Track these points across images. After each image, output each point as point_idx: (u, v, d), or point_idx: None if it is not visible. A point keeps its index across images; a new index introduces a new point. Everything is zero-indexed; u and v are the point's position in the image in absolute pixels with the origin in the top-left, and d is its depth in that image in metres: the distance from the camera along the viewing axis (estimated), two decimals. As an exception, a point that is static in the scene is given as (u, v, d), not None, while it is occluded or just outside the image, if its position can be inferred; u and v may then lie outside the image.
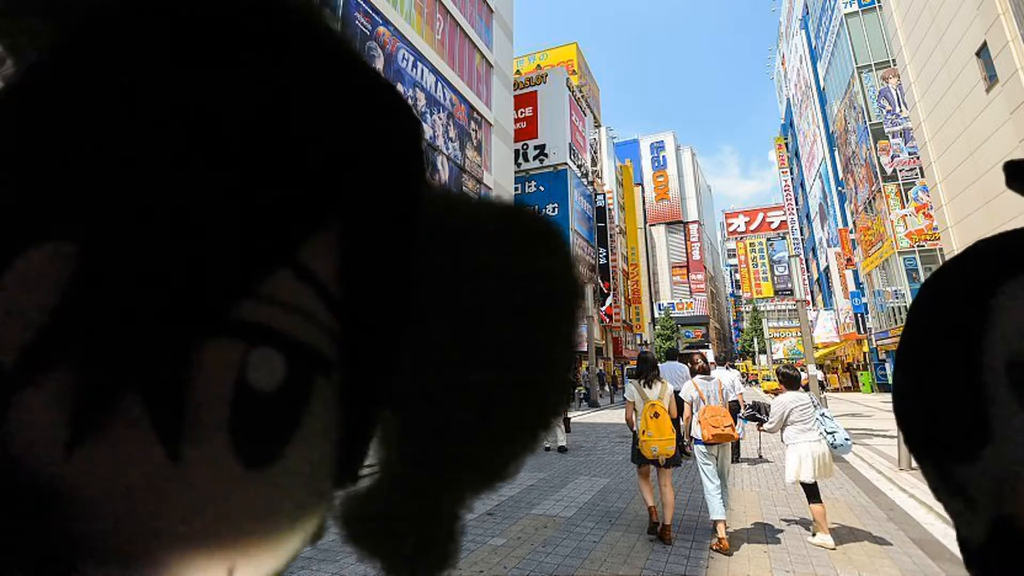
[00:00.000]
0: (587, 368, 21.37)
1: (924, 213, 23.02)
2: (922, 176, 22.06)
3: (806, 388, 5.90)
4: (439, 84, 22.67)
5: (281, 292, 0.19)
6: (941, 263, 0.35)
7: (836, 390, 33.40)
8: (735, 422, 5.52)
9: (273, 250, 0.18)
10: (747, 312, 71.03)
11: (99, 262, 0.16)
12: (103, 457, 0.16)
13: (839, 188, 34.32)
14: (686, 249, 76.45)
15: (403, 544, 0.32)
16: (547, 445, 9.04)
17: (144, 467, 0.17)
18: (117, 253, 0.16)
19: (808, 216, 47.29)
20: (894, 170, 24.49)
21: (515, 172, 32.97)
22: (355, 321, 0.22)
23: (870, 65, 26.57)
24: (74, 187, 0.16)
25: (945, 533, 4.41)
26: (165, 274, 0.16)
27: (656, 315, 62.89)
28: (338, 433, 0.23)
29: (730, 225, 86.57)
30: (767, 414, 4.82)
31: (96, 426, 0.16)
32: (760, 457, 8.07)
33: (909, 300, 24.06)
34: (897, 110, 24.81)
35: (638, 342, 49.30)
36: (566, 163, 34.89)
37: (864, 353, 32.36)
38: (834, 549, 4.00)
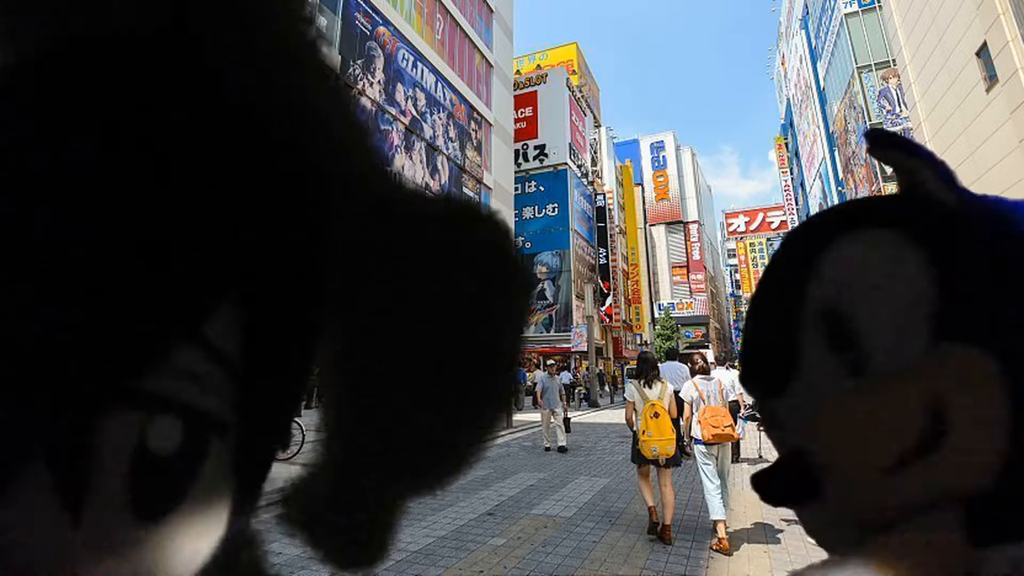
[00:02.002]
0: (587, 368, 21.36)
1: (924, 213, 23.00)
2: (922, 176, 22.01)
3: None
4: (439, 84, 22.67)
5: (182, 363, 0.19)
6: None
7: (836, 390, 33.38)
8: (735, 422, 5.52)
9: (180, 326, 0.19)
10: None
11: (5, 335, 0.16)
12: (8, 518, 0.16)
13: (839, 188, 34.33)
14: (686, 249, 76.44)
15: (336, 531, 0.32)
16: (547, 445, 9.03)
17: (47, 529, 0.17)
18: (25, 325, 0.16)
19: (808, 216, 47.27)
20: (894, 170, 24.48)
21: (515, 172, 32.97)
22: (252, 387, 0.23)
23: (870, 65, 26.59)
24: None
25: (945, 533, 4.42)
26: (70, 345, 0.16)
27: (656, 315, 62.87)
28: (232, 481, 0.23)
29: (730, 225, 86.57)
30: (767, 414, 4.81)
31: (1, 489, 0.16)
32: (760, 457, 8.07)
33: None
34: (897, 110, 24.82)
35: (638, 342, 49.30)
36: (566, 163, 34.91)
37: (864, 353, 32.35)
38: (834, 549, 4.01)
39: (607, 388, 25.55)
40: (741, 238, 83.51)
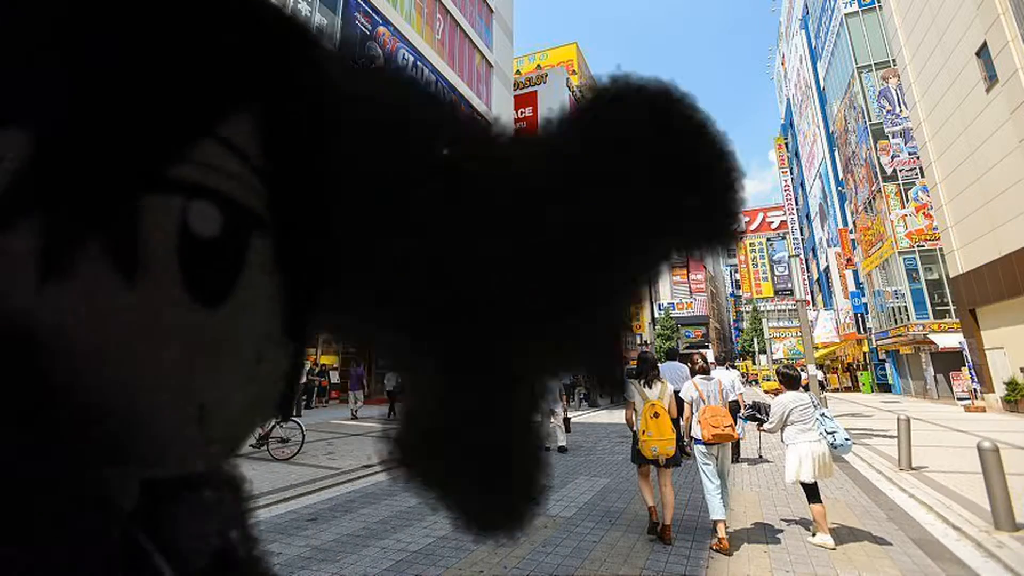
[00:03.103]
0: (587, 368, 21.33)
1: (924, 213, 23.00)
2: (922, 176, 22.04)
3: (806, 388, 5.89)
4: (439, 84, 22.56)
5: (209, 157, 0.22)
6: (941, 263, 0.36)
7: (836, 390, 33.39)
8: (735, 422, 5.52)
9: (194, 121, 0.22)
10: (747, 312, 71.02)
11: (53, 137, 0.19)
12: (72, 293, 0.19)
13: (839, 188, 34.31)
14: (686, 249, 76.26)
15: (477, 478, 0.31)
16: (547, 445, 9.01)
17: (107, 298, 0.19)
18: (68, 129, 0.19)
19: (808, 216, 47.26)
20: (894, 170, 24.48)
21: (515, 172, 32.91)
22: (283, 189, 0.26)
23: (870, 65, 26.57)
24: (29, 84, 0.19)
25: (945, 533, 4.41)
26: (107, 143, 0.20)
27: (656, 315, 62.84)
28: (280, 292, 0.26)
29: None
30: (767, 414, 4.81)
31: (66, 266, 0.19)
32: (760, 457, 8.07)
33: (909, 300, 23.93)
34: (897, 110, 24.80)
35: (638, 342, 49.25)
36: (566, 163, 34.87)
37: (864, 353, 32.34)
38: (834, 549, 4.00)
39: (607, 388, 25.49)
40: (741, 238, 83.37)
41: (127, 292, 0.20)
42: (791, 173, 53.21)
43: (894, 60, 23.27)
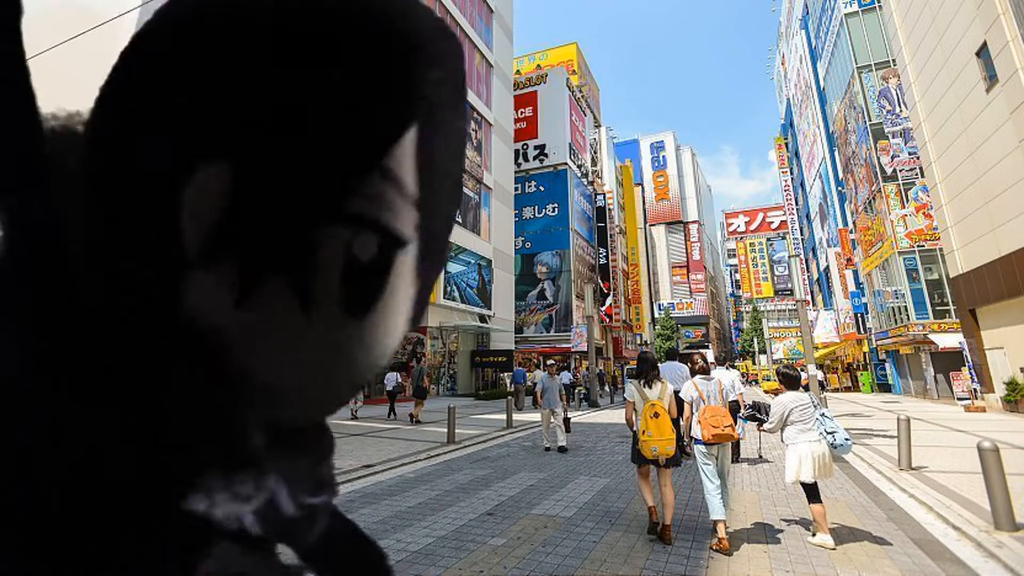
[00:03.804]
0: (587, 368, 21.36)
1: (924, 213, 23.01)
2: (922, 176, 22.04)
3: (806, 388, 5.89)
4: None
5: (372, 189, 0.25)
6: (941, 263, 0.35)
7: (836, 390, 33.39)
8: (735, 422, 5.52)
9: (366, 157, 0.25)
10: (747, 312, 71.02)
11: (248, 183, 0.23)
12: (259, 318, 0.24)
13: (839, 188, 34.31)
14: (686, 249, 76.43)
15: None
16: (547, 445, 9.03)
17: (283, 320, 0.24)
18: (260, 174, 0.23)
19: (808, 216, 47.27)
20: (894, 170, 24.48)
21: (515, 172, 32.93)
22: (426, 209, 0.29)
23: (870, 65, 26.57)
24: (234, 126, 0.23)
25: (945, 533, 4.42)
26: (294, 184, 0.23)
27: (656, 315, 62.86)
28: (412, 289, 0.30)
29: (730, 225, 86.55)
30: (767, 414, 4.81)
31: (253, 291, 0.24)
32: (760, 457, 8.07)
33: (909, 300, 23.93)
34: (897, 110, 24.80)
35: (638, 342, 49.27)
36: (566, 163, 34.88)
37: (864, 353, 32.36)
38: (834, 549, 4.00)
39: (607, 388, 25.53)
40: (741, 238, 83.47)
41: (299, 311, 0.24)
42: (791, 173, 53.22)
43: (894, 60, 23.28)
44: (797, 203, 51.60)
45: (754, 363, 51.12)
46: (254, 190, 0.23)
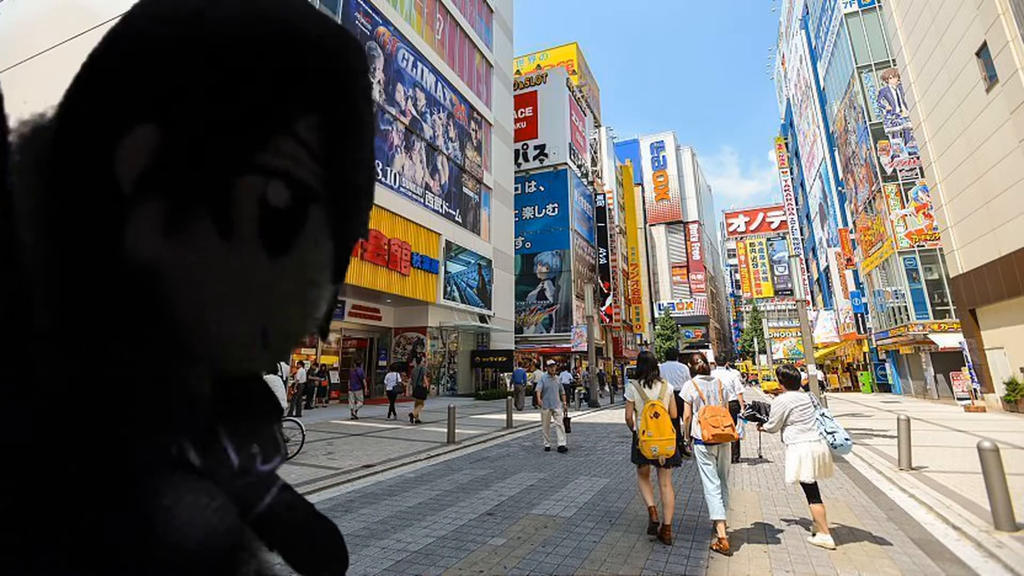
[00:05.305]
0: (587, 368, 21.35)
1: (924, 213, 23.00)
2: (922, 176, 22.03)
3: (806, 388, 5.90)
4: (439, 84, 22.65)
5: (285, 148, 0.32)
6: (941, 263, 0.35)
7: (836, 390, 33.39)
8: (735, 422, 5.52)
9: (275, 122, 0.31)
10: (747, 312, 70.98)
11: (174, 138, 0.29)
12: (185, 243, 0.29)
13: (839, 188, 34.30)
14: (686, 249, 76.40)
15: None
16: (547, 445, 9.02)
17: (208, 248, 0.30)
18: (185, 132, 0.29)
19: (808, 216, 47.25)
20: (894, 170, 24.47)
21: (515, 172, 32.93)
22: (333, 172, 0.35)
23: (870, 65, 26.56)
24: (164, 91, 0.29)
25: (945, 533, 4.41)
26: (212, 137, 0.29)
27: (656, 315, 62.84)
28: (330, 241, 0.35)
29: (730, 225, 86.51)
30: (767, 414, 4.81)
31: (181, 225, 0.29)
32: (760, 457, 8.07)
33: (909, 300, 23.86)
34: (897, 110, 24.79)
35: (638, 342, 49.25)
36: (566, 163, 34.87)
37: (864, 353, 32.34)
38: (834, 549, 4.00)
39: (607, 388, 25.52)
40: (741, 238, 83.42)
41: (222, 244, 0.30)
42: (791, 173, 53.19)
43: (894, 60, 23.27)
44: (797, 203, 51.58)
45: (754, 363, 51.11)
46: (179, 144, 0.29)
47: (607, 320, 39.27)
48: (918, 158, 22.15)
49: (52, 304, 0.27)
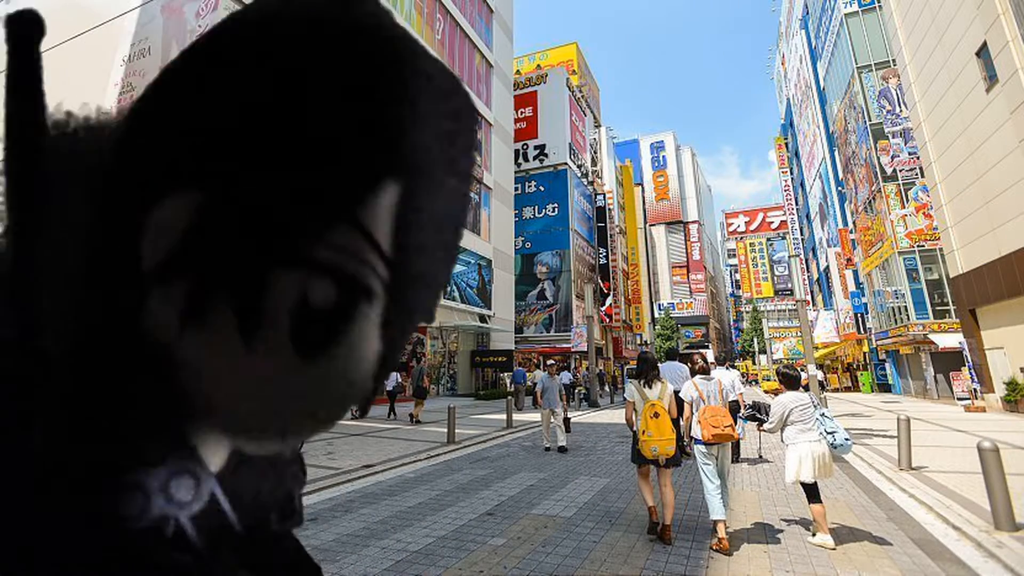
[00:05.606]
0: (587, 368, 21.35)
1: (924, 213, 23.00)
2: (922, 176, 22.03)
3: (806, 388, 5.89)
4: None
5: (339, 240, 0.26)
6: (941, 263, 0.34)
7: (836, 390, 33.38)
8: (735, 422, 5.52)
9: (331, 208, 0.25)
10: (747, 312, 71.00)
11: (214, 214, 0.24)
12: (202, 338, 0.25)
13: (839, 188, 34.30)
14: (686, 249, 76.42)
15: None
16: (547, 445, 9.02)
17: (227, 348, 0.25)
18: (227, 208, 0.24)
19: (808, 216, 47.25)
20: (894, 170, 24.47)
21: (515, 172, 32.93)
22: (401, 271, 0.29)
23: (870, 65, 26.56)
24: (212, 156, 0.24)
25: (945, 533, 4.41)
26: (255, 224, 0.24)
27: (656, 315, 62.85)
28: (378, 341, 0.29)
29: (730, 225, 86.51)
30: (767, 414, 4.81)
31: (200, 318, 0.25)
32: (760, 457, 8.07)
33: (909, 300, 23.86)
34: (897, 110, 24.79)
35: (638, 342, 49.26)
36: (566, 163, 34.87)
37: (864, 353, 32.34)
38: (834, 549, 4.00)
39: (607, 388, 25.51)
40: (741, 238, 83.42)
41: (243, 341, 0.25)
42: (791, 173, 53.19)
43: (894, 60, 23.26)
44: (797, 203, 51.58)
45: (754, 363, 51.11)
46: (218, 221, 0.24)
47: (607, 320, 39.27)
48: (918, 158, 22.15)
49: (61, 378, 0.25)
